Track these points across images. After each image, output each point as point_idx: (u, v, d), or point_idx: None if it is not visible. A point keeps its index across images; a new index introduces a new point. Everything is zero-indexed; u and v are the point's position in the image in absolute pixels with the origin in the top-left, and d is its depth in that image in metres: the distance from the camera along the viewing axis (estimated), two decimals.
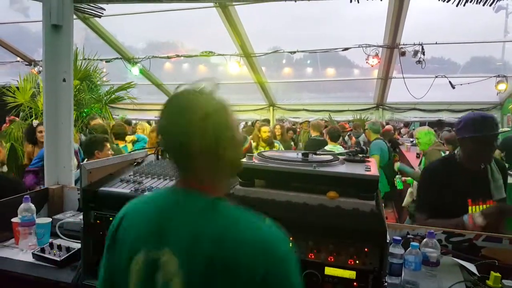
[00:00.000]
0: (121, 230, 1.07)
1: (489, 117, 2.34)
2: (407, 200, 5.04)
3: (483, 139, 2.26)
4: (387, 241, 1.38)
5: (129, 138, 5.56)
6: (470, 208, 2.31)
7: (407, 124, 13.62)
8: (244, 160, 1.65)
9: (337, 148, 5.41)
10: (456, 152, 2.48)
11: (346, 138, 8.84)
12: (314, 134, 6.74)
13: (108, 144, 3.80)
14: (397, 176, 5.23)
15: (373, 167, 1.62)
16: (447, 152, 5.54)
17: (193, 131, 0.96)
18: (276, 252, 0.93)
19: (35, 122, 4.94)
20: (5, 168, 3.88)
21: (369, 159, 1.79)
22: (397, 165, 5.27)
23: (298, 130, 10.21)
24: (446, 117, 9.08)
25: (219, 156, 0.99)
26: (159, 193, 1.12)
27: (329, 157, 1.77)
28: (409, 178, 5.03)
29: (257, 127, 6.93)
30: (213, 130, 0.97)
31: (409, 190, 4.98)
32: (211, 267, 0.91)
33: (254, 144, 6.21)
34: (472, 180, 2.35)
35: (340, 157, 1.79)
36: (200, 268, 0.91)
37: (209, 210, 0.98)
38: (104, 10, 3.20)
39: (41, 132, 4.70)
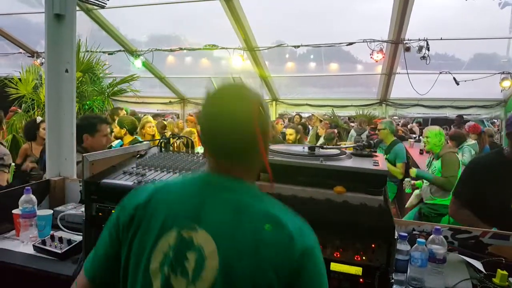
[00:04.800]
0: (149, 210, 1.03)
1: None
2: (411, 202, 4.92)
3: None
4: (395, 237, 1.35)
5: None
6: None
7: (415, 123, 13.27)
8: None
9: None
10: (504, 147, 2.45)
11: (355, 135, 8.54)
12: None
13: (103, 128, 3.09)
14: (406, 179, 4.97)
15: (381, 162, 1.59)
16: (460, 154, 5.41)
17: (241, 121, 0.99)
18: (312, 236, 1.00)
19: (38, 118, 4.81)
20: None
21: (376, 154, 1.76)
22: (413, 171, 4.81)
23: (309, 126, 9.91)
24: (449, 113, 9.03)
25: (259, 148, 1.02)
26: (192, 176, 1.12)
27: (336, 151, 1.74)
28: (419, 181, 4.81)
29: None
30: (259, 122, 1.01)
31: (416, 192, 4.86)
32: (252, 246, 0.93)
33: None
34: None
35: (348, 151, 1.76)
36: (240, 247, 0.93)
37: (252, 194, 1.03)
38: (108, 0, 3.17)
39: (45, 129, 4.59)
